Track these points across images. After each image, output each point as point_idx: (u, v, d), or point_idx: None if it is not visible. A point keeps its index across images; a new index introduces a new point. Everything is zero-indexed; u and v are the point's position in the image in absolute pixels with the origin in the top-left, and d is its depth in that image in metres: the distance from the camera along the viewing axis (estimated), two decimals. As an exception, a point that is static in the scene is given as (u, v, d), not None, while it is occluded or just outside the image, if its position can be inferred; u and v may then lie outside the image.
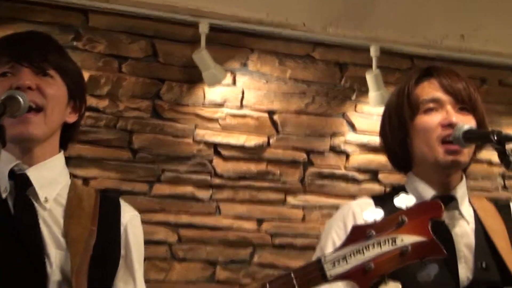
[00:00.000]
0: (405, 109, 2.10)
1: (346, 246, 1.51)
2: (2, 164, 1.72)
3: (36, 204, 1.79)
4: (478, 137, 1.97)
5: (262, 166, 3.93)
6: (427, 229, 1.48)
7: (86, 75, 3.46)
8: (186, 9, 3.70)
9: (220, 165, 3.86)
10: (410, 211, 1.50)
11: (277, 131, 3.97)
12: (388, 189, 2.35)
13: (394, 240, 1.47)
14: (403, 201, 1.52)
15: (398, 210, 1.52)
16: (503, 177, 4.30)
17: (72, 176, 2.01)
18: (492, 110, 4.16)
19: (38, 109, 1.76)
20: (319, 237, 4.00)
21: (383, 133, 2.22)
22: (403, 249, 1.47)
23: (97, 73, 3.66)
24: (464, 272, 1.98)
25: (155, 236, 3.61)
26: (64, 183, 1.90)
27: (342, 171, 4.05)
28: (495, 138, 1.83)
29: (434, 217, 1.49)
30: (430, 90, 2.08)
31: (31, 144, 1.80)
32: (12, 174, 1.78)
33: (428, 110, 2.06)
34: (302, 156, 4.00)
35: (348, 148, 4.06)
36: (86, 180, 3.59)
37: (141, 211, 3.62)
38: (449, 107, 2.03)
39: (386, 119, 2.20)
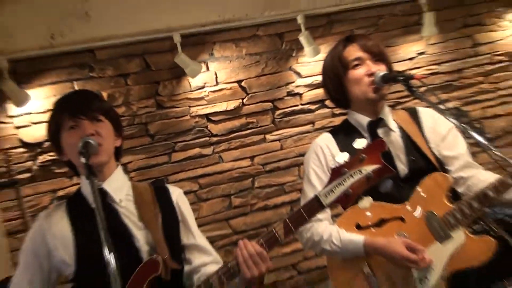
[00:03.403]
0: (339, 68, 2.21)
1: (330, 183, 1.65)
2: (86, 187, 1.93)
3: (114, 205, 1.94)
4: (391, 79, 2.09)
5: (242, 120, 3.97)
6: (380, 159, 1.62)
7: (104, 94, 3.53)
8: (161, 29, 3.66)
9: (214, 128, 3.89)
10: (366, 150, 1.63)
11: (247, 93, 3.97)
12: (338, 124, 2.47)
13: (360, 171, 1.62)
14: (360, 143, 1.64)
15: (358, 150, 1.64)
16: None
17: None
18: (390, 35, 4.26)
19: (100, 145, 1.89)
20: (294, 161, 4.03)
21: (325, 86, 2.32)
22: (368, 175, 1.62)
23: (112, 90, 3.66)
24: (401, 166, 2.13)
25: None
26: (127, 186, 2.03)
27: (299, 107, 4.08)
28: (401, 77, 1.99)
29: (382, 150, 1.63)
30: (354, 51, 2.19)
31: (101, 167, 1.93)
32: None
33: (355, 66, 2.18)
34: (269, 105, 4.02)
35: (300, 90, 4.07)
36: (124, 165, 3.62)
37: (167, 175, 3.76)
38: (368, 62, 2.16)
39: (326, 76, 2.31)
